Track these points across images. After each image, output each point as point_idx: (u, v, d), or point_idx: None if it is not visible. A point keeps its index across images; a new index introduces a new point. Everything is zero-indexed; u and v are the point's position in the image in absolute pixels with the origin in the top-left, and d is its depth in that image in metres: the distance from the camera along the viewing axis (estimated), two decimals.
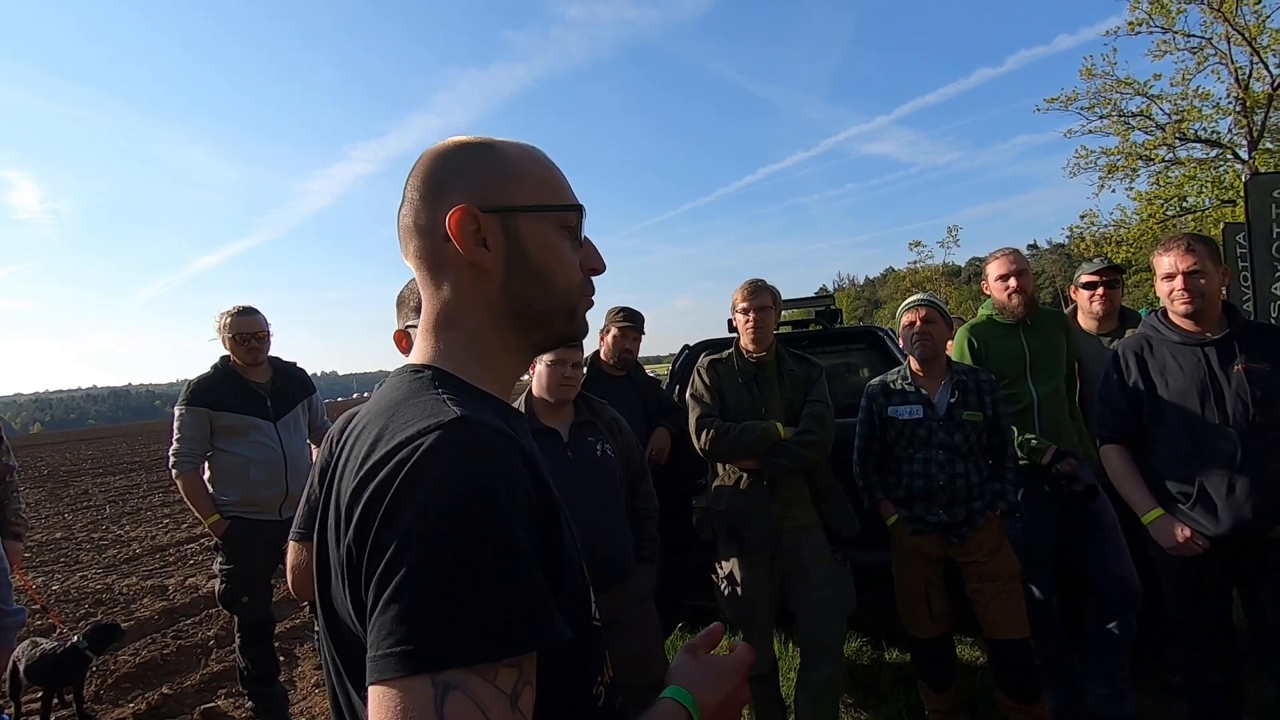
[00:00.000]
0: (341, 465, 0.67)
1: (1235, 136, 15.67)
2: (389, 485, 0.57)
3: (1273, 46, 14.50)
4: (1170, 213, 16.38)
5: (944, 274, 30.50)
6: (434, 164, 0.74)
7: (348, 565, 0.60)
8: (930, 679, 2.61)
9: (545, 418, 2.29)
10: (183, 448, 3.04)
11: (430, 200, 0.73)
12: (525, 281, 0.73)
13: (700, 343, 4.57)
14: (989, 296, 2.98)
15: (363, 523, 0.58)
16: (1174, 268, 2.19)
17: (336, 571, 0.63)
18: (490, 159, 0.74)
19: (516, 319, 0.74)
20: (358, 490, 0.60)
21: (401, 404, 0.67)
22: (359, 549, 0.58)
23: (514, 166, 0.74)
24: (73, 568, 7.20)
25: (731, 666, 0.79)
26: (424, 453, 0.58)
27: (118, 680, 3.94)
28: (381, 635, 0.53)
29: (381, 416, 0.67)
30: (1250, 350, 2.13)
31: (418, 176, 0.74)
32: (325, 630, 0.68)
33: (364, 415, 0.72)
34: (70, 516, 10.79)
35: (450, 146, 0.75)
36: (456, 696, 0.52)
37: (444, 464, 0.58)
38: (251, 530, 3.04)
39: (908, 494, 2.54)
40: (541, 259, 0.74)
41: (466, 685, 0.52)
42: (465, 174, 0.73)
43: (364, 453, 0.63)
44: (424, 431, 0.60)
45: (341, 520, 0.61)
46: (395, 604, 0.53)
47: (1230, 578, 2.23)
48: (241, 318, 3.12)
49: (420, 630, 0.52)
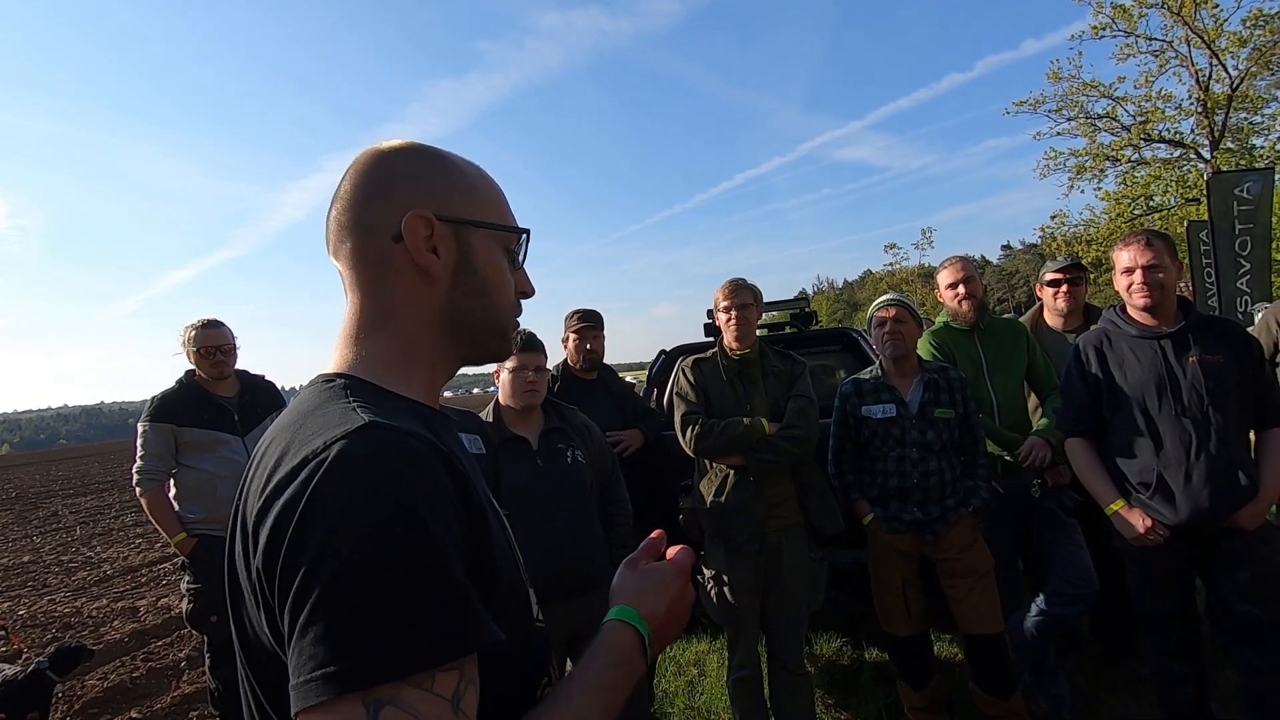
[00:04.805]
0: (247, 485, 0.64)
1: (1197, 137, 16.10)
2: (296, 503, 0.54)
3: (1230, 49, 14.94)
4: (1137, 212, 16.77)
5: (919, 276, 30.86)
6: (382, 163, 0.72)
7: (261, 590, 0.57)
8: (908, 677, 2.62)
9: (514, 426, 2.27)
10: (147, 465, 2.97)
11: (377, 199, 0.71)
12: (467, 294, 0.74)
13: (676, 348, 4.58)
14: (943, 305, 3.05)
15: (271, 544, 0.55)
16: (1133, 262, 2.23)
17: (249, 597, 0.60)
18: (447, 170, 0.74)
19: (451, 328, 0.75)
20: (263, 510, 0.57)
21: (309, 415, 0.64)
22: (269, 573, 0.55)
23: (470, 182, 0.75)
24: (40, 591, 7.00)
25: (672, 570, 0.77)
26: (330, 464, 0.55)
27: (85, 705, 3.83)
28: (303, 660, 0.50)
29: (287, 431, 0.64)
30: (1204, 343, 2.18)
31: (362, 174, 0.72)
32: (241, 657, 0.65)
33: (272, 431, 0.68)
34: (39, 539, 10.49)
35: (401, 148, 0.74)
36: (390, 712, 0.49)
37: (352, 473, 0.55)
38: (219, 548, 2.95)
39: (882, 492, 2.56)
40: (486, 275, 0.75)
41: (400, 699, 0.50)
42: (420, 180, 0.72)
43: (269, 470, 0.60)
44: (330, 443, 0.57)
45: (250, 542, 0.58)
46: (313, 626, 0.51)
47: (1191, 567, 2.27)
48: (206, 330, 3.06)
49: (343, 649, 0.50)
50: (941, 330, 2.99)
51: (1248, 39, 14.87)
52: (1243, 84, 15.21)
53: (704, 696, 3.22)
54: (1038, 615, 2.65)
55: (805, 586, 2.52)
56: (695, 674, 3.47)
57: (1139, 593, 2.34)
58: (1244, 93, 15.40)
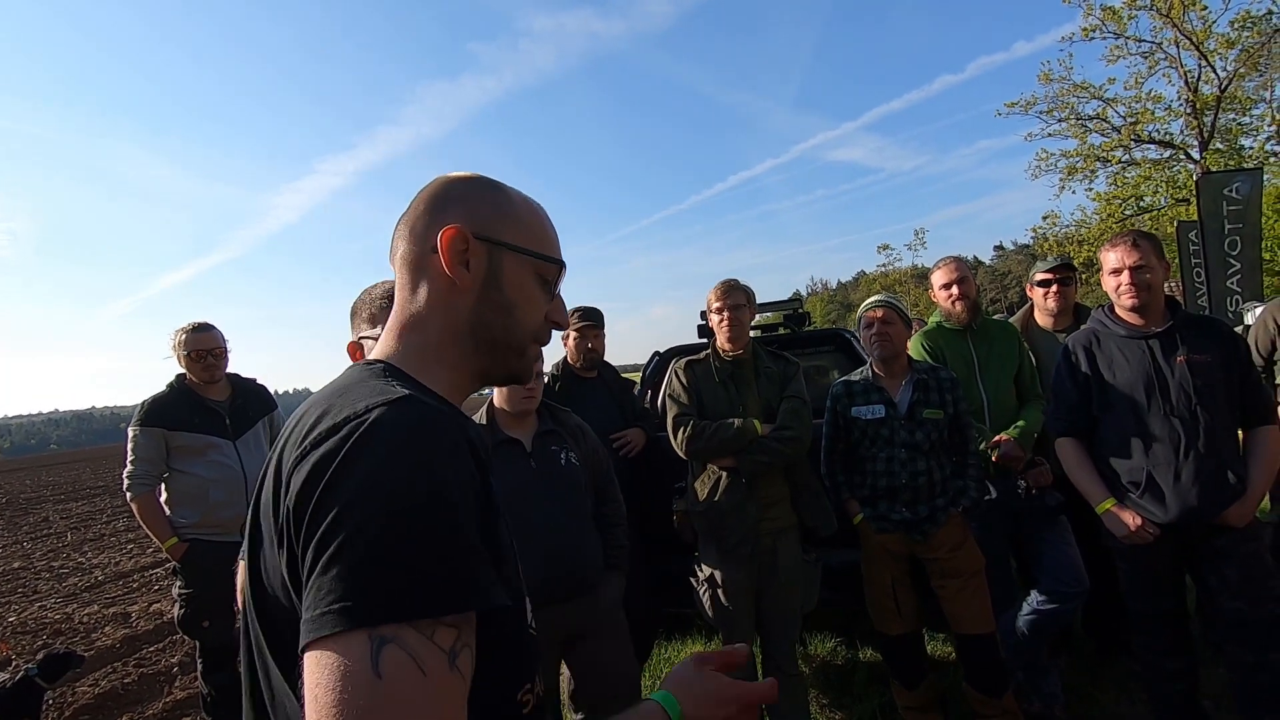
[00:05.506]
0: (283, 443, 0.70)
1: (1187, 137, 16.24)
2: (334, 454, 0.59)
3: (1219, 51, 15.07)
4: (1128, 212, 16.89)
5: (913, 276, 31.00)
6: (444, 186, 0.82)
7: (286, 532, 0.61)
8: (901, 676, 2.63)
9: (508, 428, 2.27)
10: (137, 469, 2.95)
11: (430, 214, 0.79)
12: (491, 309, 0.79)
13: (670, 349, 4.58)
14: (936, 305, 3.06)
15: (305, 489, 0.59)
16: (1120, 263, 2.25)
17: (270, 540, 0.64)
18: (495, 196, 0.82)
19: (473, 338, 0.80)
20: (301, 458, 0.62)
21: (349, 388, 0.70)
22: (299, 513, 0.59)
23: (514, 209, 0.82)
24: (31, 598, 6.94)
25: (734, 691, 0.72)
26: (370, 424, 0.61)
27: (76, 712, 3.80)
28: (320, 595, 0.54)
29: (326, 400, 0.70)
30: (1191, 342, 2.20)
31: (427, 192, 0.82)
32: (251, 605, 0.68)
33: (309, 401, 0.75)
34: (29, 545, 10.41)
35: (463, 176, 0.83)
36: (392, 649, 0.52)
37: (389, 434, 0.60)
38: (211, 553, 2.96)
39: (872, 492, 2.56)
40: (512, 294, 0.80)
41: (403, 639, 0.53)
42: (468, 201, 0.80)
43: (309, 426, 0.65)
44: (370, 407, 0.63)
45: (283, 488, 0.63)
46: (335, 565, 0.55)
47: (1181, 565, 2.29)
48: (197, 334, 3.05)
49: (358, 587, 0.54)
50: (935, 330, 3.01)
51: (1236, 40, 15.02)
52: (1231, 85, 15.36)
53: None
54: (1030, 614, 2.67)
55: (799, 588, 2.53)
56: None
57: (1130, 591, 2.35)
58: (1232, 94, 15.54)
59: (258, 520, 0.69)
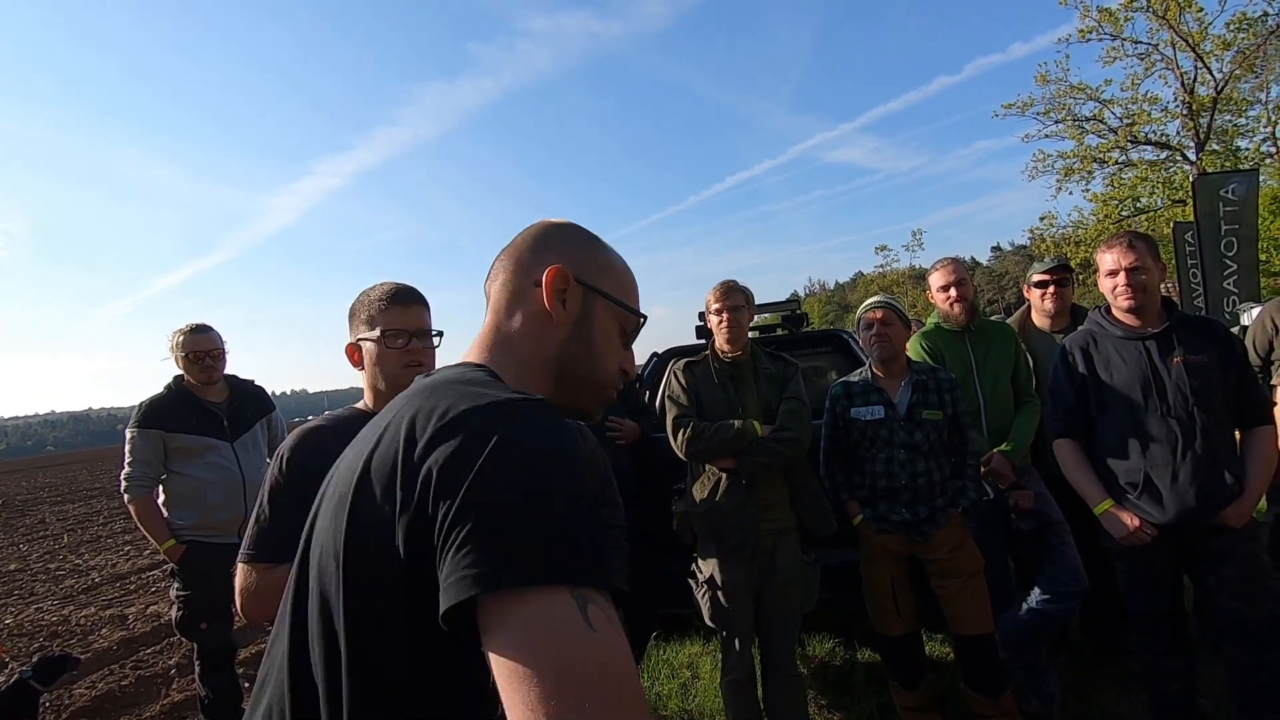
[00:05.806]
0: (382, 433, 0.72)
1: (1183, 139, 16.29)
2: (490, 431, 0.63)
3: (1215, 52, 15.12)
4: (1125, 213, 16.93)
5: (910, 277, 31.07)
6: (550, 230, 0.91)
7: (422, 495, 0.63)
8: (900, 676, 2.63)
9: None
10: (135, 471, 2.95)
11: (535, 251, 0.88)
12: (579, 346, 0.86)
13: (669, 350, 4.58)
14: (934, 306, 3.07)
15: (463, 459, 0.63)
16: (1116, 264, 2.26)
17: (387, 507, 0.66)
18: (596, 248, 0.91)
19: (557, 369, 0.86)
20: (446, 431, 0.65)
21: (466, 382, 0.74)
22: (453, 482, 0.62)
23: (611, 263, 0.91)
24: (27, 600, 6.92)
25: None
26: (522, 411, 0.66)
27: (73, 715, 3.79)
28: (501, 545, 0.58)
29: (441, 389, 0.73)
30: (1188, 343, 2.20)
31: (532, 231, 0.91)
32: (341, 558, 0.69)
33: (407, 394, 0.79)
34: (25, 547, 10.38)
35: (567, 223, 0.92)
36: (595, 610, 0.57)
37: (540, 425, 0.66)
38: (209, 554, 2.95)
39: (871, 493, 2.56)
40: (598, 338, 0.88)
41: (599, 601, 0.58)
42: (572, 247, 0.89)
43: (438, 412, 0.68)
44: (514, 400, 0.68)
45: (415, 458, 0.65)
46: (520, 526, 0.59)
47: (1179, 566, 2.29)
48: (194, 335, 3.04)
49: (558, 550, 0.59)
50: (932, 332, 3.01)
51: (1231, 42, 15.07)
52: (1227, 86, 15.41)
53: (697, 699, 3.22)
54: (1028, 614, 2.67)
55: (799, 589, 2.52)
56: (688, 676, 3.47)
57: (1128, 591, 2.35)
58: (1228, 95, 15.60)
59: (365, 479, 0.69)
